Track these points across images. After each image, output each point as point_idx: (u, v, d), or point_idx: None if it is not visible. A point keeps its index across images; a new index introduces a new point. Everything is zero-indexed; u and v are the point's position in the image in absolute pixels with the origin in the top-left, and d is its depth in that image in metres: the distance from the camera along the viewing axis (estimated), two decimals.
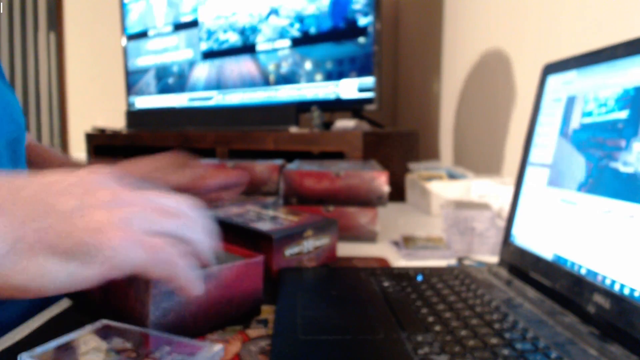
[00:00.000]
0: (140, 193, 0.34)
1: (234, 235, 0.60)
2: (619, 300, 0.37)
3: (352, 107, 1.59)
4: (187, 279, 0.33)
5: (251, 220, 0.62)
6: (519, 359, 0.35)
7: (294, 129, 1.53)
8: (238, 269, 0.45)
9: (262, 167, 0.87)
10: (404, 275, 0.55)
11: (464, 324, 0.41)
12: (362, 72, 1.52)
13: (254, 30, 1.78)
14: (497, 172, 1.25)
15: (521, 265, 0.53)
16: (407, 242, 0.74)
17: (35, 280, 0.29)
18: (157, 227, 0.32)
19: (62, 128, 3.21)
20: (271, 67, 1.74)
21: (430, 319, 0.42)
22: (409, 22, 1.91)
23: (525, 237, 0.53)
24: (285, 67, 1.71)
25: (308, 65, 1.65)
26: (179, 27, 2.04)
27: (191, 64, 2.01)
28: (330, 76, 1.59)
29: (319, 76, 1.62)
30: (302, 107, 1.60)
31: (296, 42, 1.66)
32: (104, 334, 0.38)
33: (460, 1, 1.49)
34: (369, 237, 0.78)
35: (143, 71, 2.22)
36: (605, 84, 0.45)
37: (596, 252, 0.42)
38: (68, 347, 0.36)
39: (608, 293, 0.39)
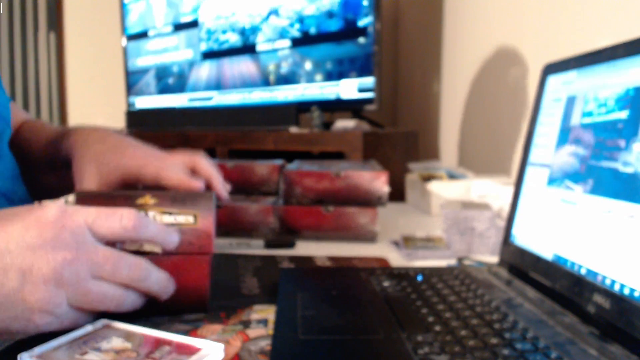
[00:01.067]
0: (81, 251, 0.36)
1: None
2: (619, 300, 0.37)
3: (352, 107, 1.59)
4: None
5: None
6: (519, 359, 0.35)
7: (294, 129, 1.53)
8: (177, 261, 0.44)
9: (262, 167, 0.87)
10: (404, 275, 0.55)
11: (464, 324, 0.41)
12: (362, 72, 1.52)
13: (254, 30, 1.78)
14: (497, 172, 1.25)
15: (521, 265, 0.53)
16: (407, 242, 0.74)
17: None
18: (88, 299, 0.37)
19: None
20: (271, 67, 1.74)
21: (430, 319, 0.42)
22: (409, 22, 1.91)
23: (525, 237, 0.53)
24: (285, 67, 1.71)
25: (308, 65, 1.65)
26: (179, 27, 2.04)
27: (191, 64, 2.01)
28: (330, 76, 1.59)
29: (319, 76, 1.62)
30: (302, 107, 1.60)
31: (296, 42, 1.66)
32: (104, 334, 0.38)
33: (461, 1, 1.49)
34: (369, 237, 0.78)
35: (143, 71, 2.22)
36: (605, 84, 0.45)
37: (596, 252, 0.42)
38: (68, 347, 0.36)
39: (608, 293, 0.39)
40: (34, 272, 0.33)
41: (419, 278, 0.54)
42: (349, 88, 1.55)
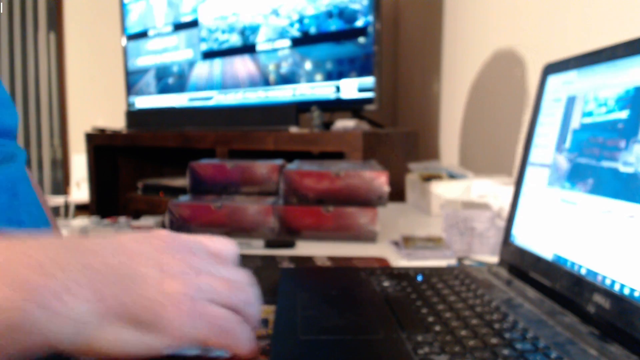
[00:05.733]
0: (208, 262, 0.36)
1: None
2: (619, 300, 0.37)
3: (352, 107, 1.59)
4: (241, 346, 0.35)
5: None
6: (519, 359, 0.35)
7: (294, 129, 1.53)
8: None
9: (262, 167, 0.87)
10: (404, 275, 0.55)
11: (464, 324, 0.41)
12: (362, 72, 1.52)
13: (254, 30, 1.78)
14: (497, 172, 1.25)
15: (521, 265, 0.53)
16: (407, 242, 0.74)
17: (115, 347, 0.30)
18: (222, 299, 0.35)
19: (62, 128, 3.21)
20: (271, 67, 1.74)
21: (430, 319, 0.42)
22: (409, 22, 1.91)
23: (525, 237, 0.53)
24: (285, 67, 1.71)
25: (308, 65, 1.65)
26: (179, 27, 2.04)
27: (191, 64, 2.01)
28: (330, 76, 1.59)
29: (319, 76, 1.62)
30: (302, 107, 1.60)
31: (296, 42, 1.66)
32: None
33: (461, 1, 1.49)
34: (369, 237, 0.78)
35: (143, 71, 2.22)
36: (605, 84, 0.45)
37: (596, 252, 0.42)
38: None
39: (608, 293, 0.39)
40: (165, 268, 0.34)
41: (419, 278, 0.54)
42: (349, 88, 1.55)
